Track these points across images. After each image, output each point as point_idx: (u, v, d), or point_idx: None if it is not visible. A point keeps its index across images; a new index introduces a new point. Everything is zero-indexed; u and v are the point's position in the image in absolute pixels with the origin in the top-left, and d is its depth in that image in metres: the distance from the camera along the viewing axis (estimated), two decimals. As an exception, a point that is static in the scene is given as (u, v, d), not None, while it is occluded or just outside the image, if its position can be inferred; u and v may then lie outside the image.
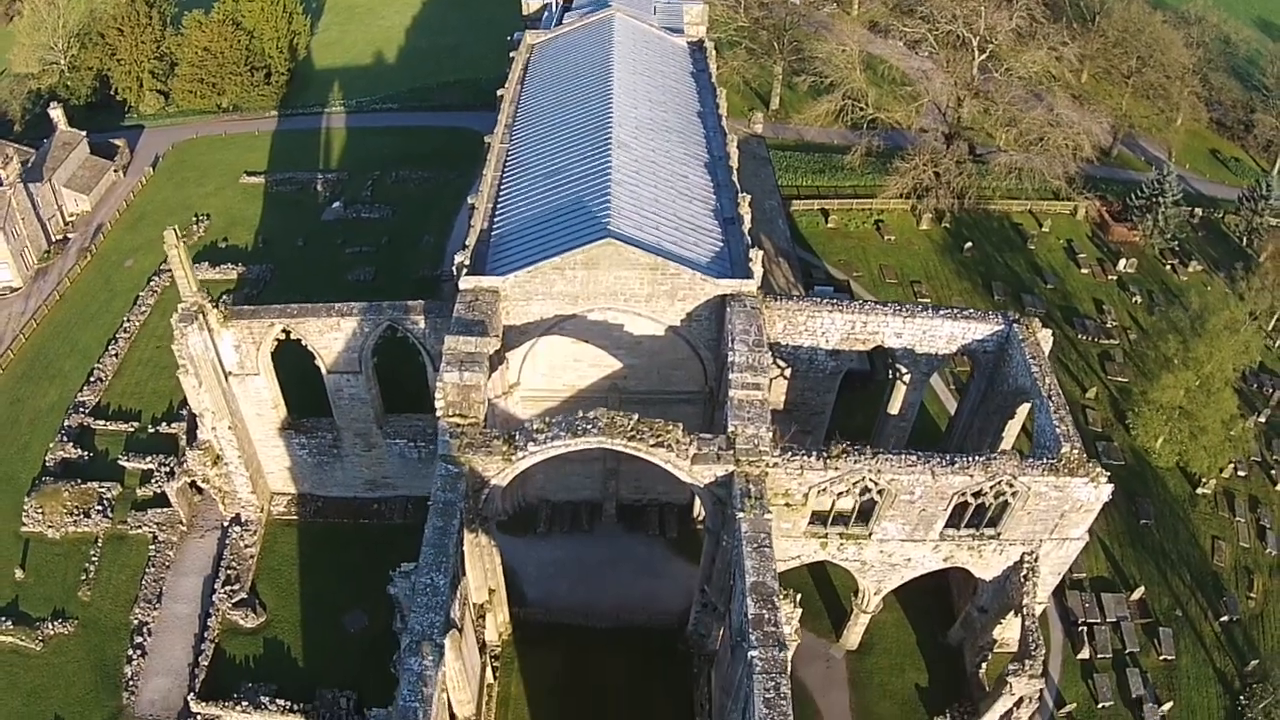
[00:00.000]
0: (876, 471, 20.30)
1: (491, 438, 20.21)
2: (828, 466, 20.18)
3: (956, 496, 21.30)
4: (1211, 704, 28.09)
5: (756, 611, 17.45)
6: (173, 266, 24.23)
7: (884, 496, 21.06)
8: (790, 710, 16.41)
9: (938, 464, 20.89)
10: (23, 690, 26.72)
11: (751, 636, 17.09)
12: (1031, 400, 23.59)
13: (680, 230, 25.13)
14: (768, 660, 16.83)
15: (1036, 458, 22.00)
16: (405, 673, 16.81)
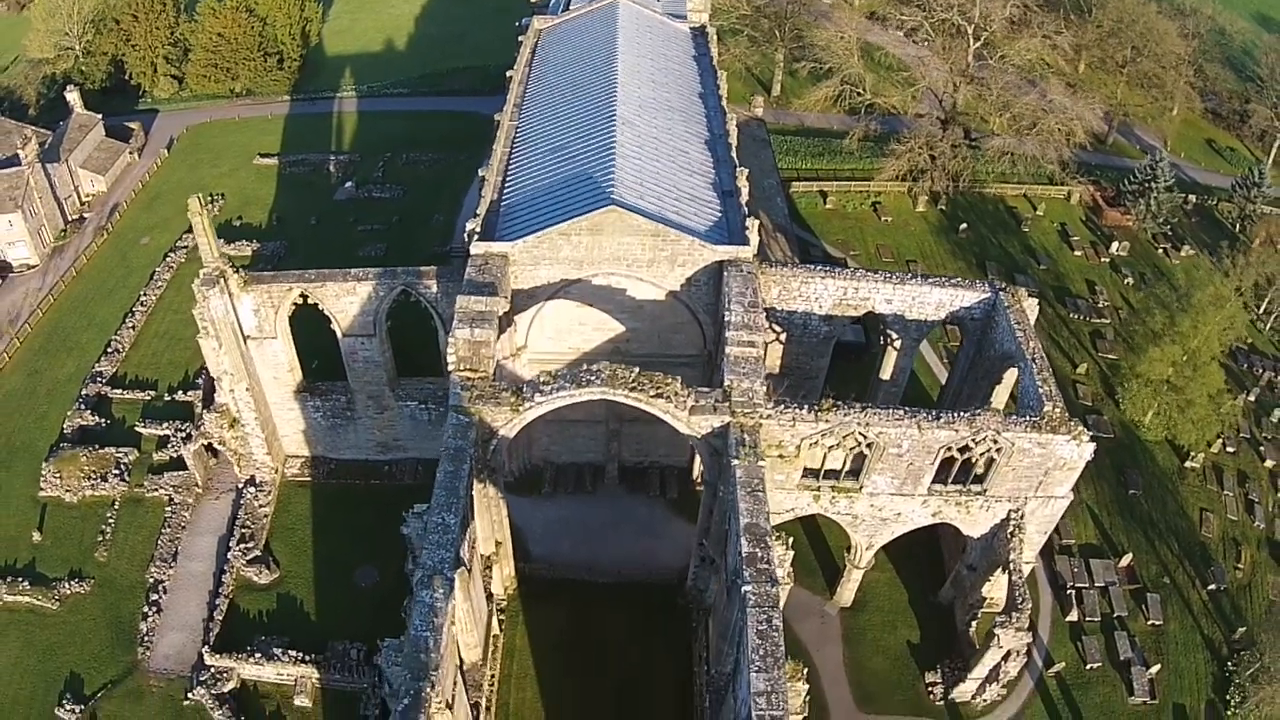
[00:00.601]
0: (865, 424, 21.56)
1: (500, 390, 21.50)
2: (819, 419, 21.43)
3: (943, 451, 22.54)
4: (1199, 669, 29.18)
5: (750, 550, 18.70)
6: (196, 233, 25.54)
7: (873, 450, 22.28)
8: (782, 643, 17.62)
9: (924, 418, 22.12)
10: (39, 648, 28.02)
11: (745, 573, 18.32)
12: (1017, 364, 24.87)
13: (681, 201, 26.43)
14: (760, 594, 18.05)
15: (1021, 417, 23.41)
16: (417, 605, 18.06)
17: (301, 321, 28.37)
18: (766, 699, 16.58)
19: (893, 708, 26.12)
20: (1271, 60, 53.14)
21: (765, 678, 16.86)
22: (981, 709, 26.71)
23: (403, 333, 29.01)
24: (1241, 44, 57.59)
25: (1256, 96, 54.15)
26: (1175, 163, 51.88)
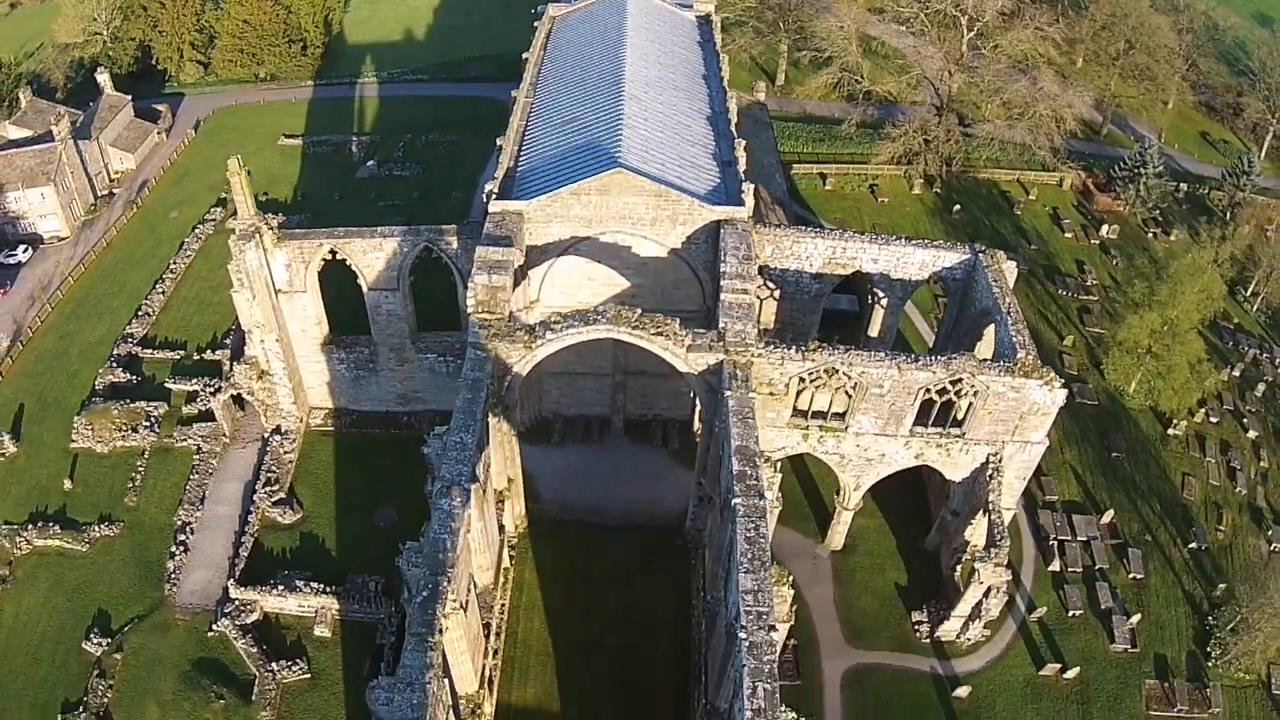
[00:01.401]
0: (848, 364, 23.93)
1: (515, 329, 24.03)
2: (805, 358, 23.81)
3: (922, 392, 24.87)
4: (1180, 622, 31.08)
5: (740, 468, 21.03)
6: (233, 190, 28.31)
7: (857, 390, 24.63)
8: (768, 550, 19.86)
9: (903, 360, 24.49)
10: (68, 587, 30.47)
11: (735, 488, 20.65)
12: (994, 318, 27.18)
13: (682, 168, 29.04)
14: (749, 506, 20.37)
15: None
16: (436, 512, 20.44)
17: (329, 278, 30.97)
18: (754, 596, 18.82)
19: (881, 644, 28.27)
20: (1263, 54, 55.71)
21: (753, 578, 19.11)
22: (966, 648, 28.81)
23: (424, 289, 31.73)
24: (1234, 38, 60.13)
25: (1249, 90, 56.68)
26: (1169, 154, 54.45)
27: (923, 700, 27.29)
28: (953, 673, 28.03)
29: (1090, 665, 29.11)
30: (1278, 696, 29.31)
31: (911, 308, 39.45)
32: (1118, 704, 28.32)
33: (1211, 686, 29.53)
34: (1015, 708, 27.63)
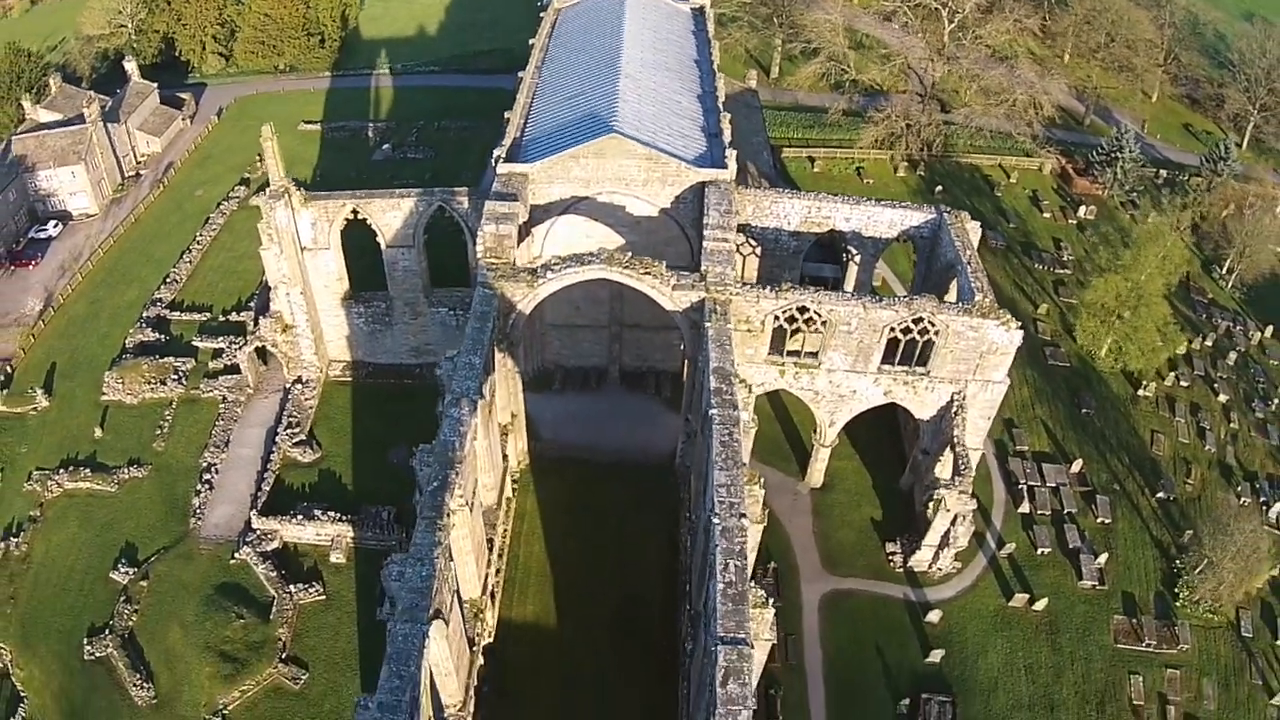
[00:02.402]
0: (818, 303, 27.60)
1: (519, 270, 27.92)
2: (779, 296, 27.57)
3: (887, 331, 28.44)
4: (1148, 565, 34.14)
5: (717, 385, 24.69)
6: (265, 155, 32.65)
7: (826, 328, 28.25)
8: (741, 454, 23.35)
9: (869, 300, 28.17)
10: (97, 524, 34.08)
11: (713, 401, 24.25)
12: (957, 269, 30.85)
13: (672, 137, 33.18)
14: (724, 416, 23.96)
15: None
16: (446, 419, 24.08)
17: (349, 240, 34.99)
18: (727, 489, 22.30)
19: (857, 571, 31.64)
20: (1242, 46, 60.07)
21: (726, 474, 22.62)
22: (938, 578, 32.05)
23: (436, 248, 35.72)
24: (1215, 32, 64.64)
25: (1230, 82, 60.99)
26: (1152, 144, 58.67)
27: (896, 623, 30.50)
28: (925, 600, 31.27)
29: (1059, 599, 32.18)
30: (1248, 639, 32.28)
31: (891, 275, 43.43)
32: (1086, 636, 31.34)
33: (1180, 624, 32.47)
34: (985, 634, 30.73)
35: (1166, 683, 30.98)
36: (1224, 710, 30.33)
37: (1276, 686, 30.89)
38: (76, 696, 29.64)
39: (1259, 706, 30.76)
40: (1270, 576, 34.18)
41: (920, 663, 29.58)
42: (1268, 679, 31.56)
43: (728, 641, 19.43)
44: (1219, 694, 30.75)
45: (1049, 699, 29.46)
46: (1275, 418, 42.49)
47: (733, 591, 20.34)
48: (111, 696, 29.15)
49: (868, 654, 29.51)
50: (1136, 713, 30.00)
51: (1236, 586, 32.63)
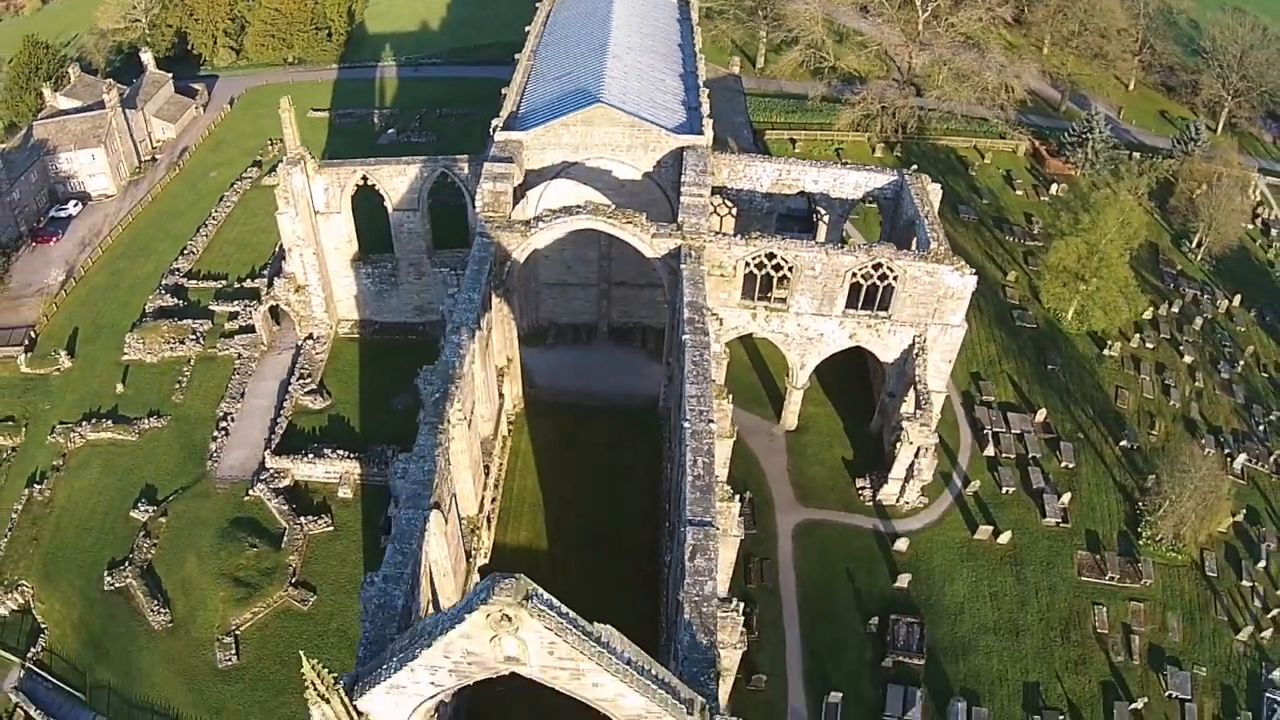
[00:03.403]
0: (784, 249, 31.66)
1: (514, 222, 32.09)
2: (748, 243, 31.68)
3: (849, 275, 32.39)
4: (1111, 506, 37.36)
5: (690, 315, 28.73)
6: (283, 125, 37.13)
7: (793, 273, 32.24)
8: (710, 371, 27.18)
9: (831, 247, 32.24)
10: (118, 470, 37.81)
11: (685, 328, 28.20)
12: (915, 223, 34.93)
13: (655, 109, 37.65)
14: (695, 340, 27.95)
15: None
16: (448, 344, 27.99)
17: (359, 203, 39.14)
18: (697, 399, 26.14)
19: (828, 504, 35.29)
20: (1215, 34, 64.87)
21: (696, 387, 26.49)
22: (906, 511, 35.64)
23: (440, 210, 40.02)
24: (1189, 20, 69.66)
25: (1204, 68, 65.57)
26: (1127, 129, 63.33)
27: (865, 551, 34.06)
28: (893, 531, 34.87)
29: (1023, 535, 35.65)
30: (1212, 577, 35.58)
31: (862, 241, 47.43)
32: (1050, 568, 34.72)
33: (1143, 561, 35.69)
34: (951, 564, 34.18)
35: (1130, 614, 34.23)
36: (1189, 643, 33.54)
37: (1242, 623, 34.12)
38: (96, 625, 33.22)
39: (1225, 641, 33.92)
40: (1234, 521, 37.65)
41: (889, 587, 33.06)
42: (1233, 615, 34.81)
43: (695, 523, 23.16)
44: (1184, 627, 34.00)
45: (1014, 624, 32.81)
46: (1241, 379, 46.33)
47: (700, 483, 24.11)
48: (130, 623, 32.77)
49: (838, 578, 33.03)
50: (1101, 641, 33.31)
51: (1198, 527, 35.91)
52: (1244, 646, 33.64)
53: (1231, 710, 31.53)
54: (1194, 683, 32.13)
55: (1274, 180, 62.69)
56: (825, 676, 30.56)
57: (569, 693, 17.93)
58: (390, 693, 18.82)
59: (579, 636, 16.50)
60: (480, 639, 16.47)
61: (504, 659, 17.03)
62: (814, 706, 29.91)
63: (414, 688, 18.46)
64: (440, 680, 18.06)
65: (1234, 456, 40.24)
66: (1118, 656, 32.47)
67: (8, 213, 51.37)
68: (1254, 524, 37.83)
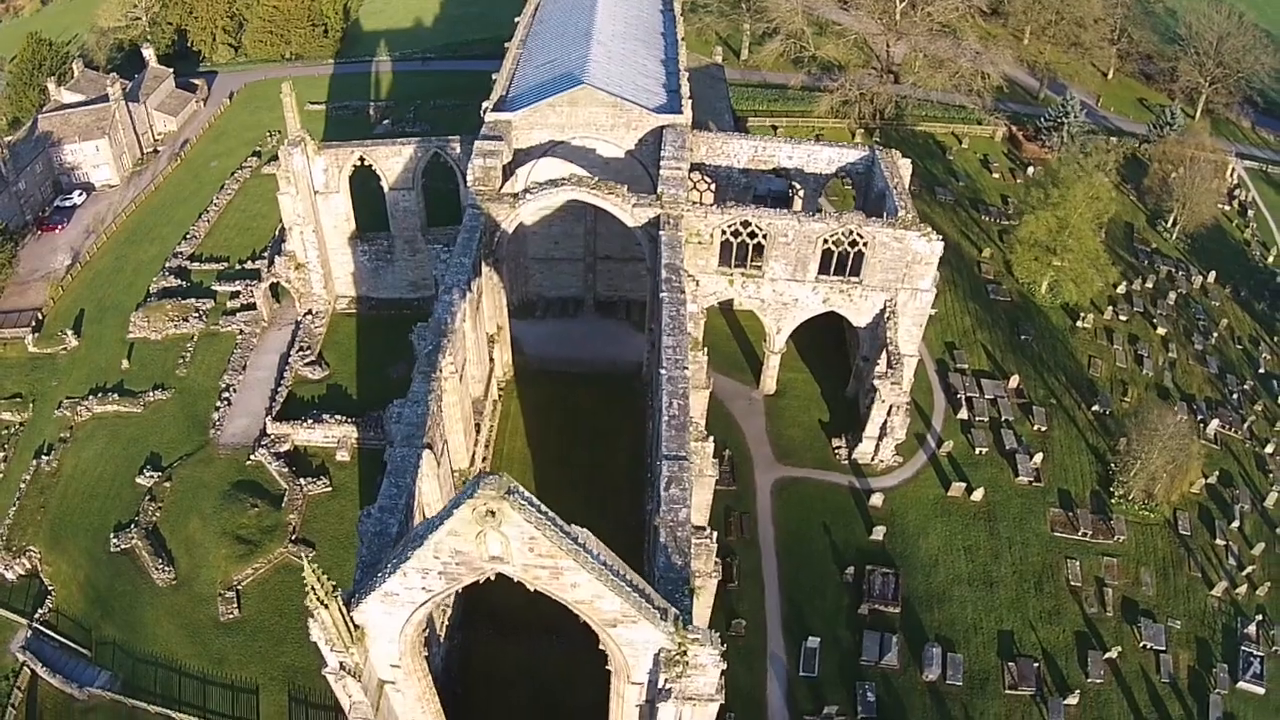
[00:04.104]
0: (758, 217, 34.29)
1: (502, 195, 34.77)
2: (724, 212, 34.36)
3: (821, 242, 35.00)
4: (1084, 467, 39.54)
5: (667, 275, 31.35)
6: (285, 109, 40.00)
7: (768, 240, 34.84)
8: (687, 325, 29.67)
9: (803, 215, 34.86)
10: (124, 440, 40.23)
11: (663, 286, 30.76)
12: (885, 194, 37.59)
13: (637, 91, 40.50)
14: (672, 297, 30.56)
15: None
16: (439, 303, 30.53)
17: (356, 183, 41.79)
18: (673, 349, 28.63)
19: (805, 462, 37.62)
20: (1191, 21, 68.10)
21: (672, 339, 29.02)
22: (881, 469, 37.94)
23: (434, 189, 42.61)
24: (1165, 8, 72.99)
25: (1182, 56, 68.78)
26: (1106, 115, 66.37)
27: (842, 506, 36.39)
28: (869, 488, 37.25)
29: (996, 493, 37.92)
30: (1185, 536, 37.75)
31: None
32: (1023, 524, 36.94)
33: (1115, 519, 37.81)
34: (926, 519, 36.48)
35: (1103, 569, 36.35)
36: (1163, 598, 35.64)
37: (1217, 579, 36.14)
38: (102, 584, 35.54)
39: (1199, 596, 36.02)
40: (1207, 483, 39.81)
41: (865, 540, 35.33)
42: (1207, 572, 36.87)
43: (669, 457, 25.59)
44: (1157, 582, 36.13)
45: (987, 576, 35.01)
46: (1215, 350, 48.83)
47: (675, 422, 26.56)
48: (135, 581, 35.10)
49: (815, 531, 35.34)
50: (1074, 593, 35.43)
51: (1170, 486, 38.02)
52: (1219, 602, 35.72)
53: (1208, 663, 33.59)
54: (1168, 635, 34.23)
55: (1250, 164, 66.02)
56: (803, 623, 32.83)
57: (550, 593, 20.21)
58: (384, 601, 21.12)
59: (557, 533, 18.84)
60: (467, 535, 18.78)
61: (489, 558, 19.34)
62: (792, 651, 32.17)
63: (406, 594, 20.75)
64: (431, 584, 20.35)
65: (1207, 422, 42.61)
66: (1091, 608, 34.61)
67: (14, 202, 54.36)
68: (1228, 486, 40.12)
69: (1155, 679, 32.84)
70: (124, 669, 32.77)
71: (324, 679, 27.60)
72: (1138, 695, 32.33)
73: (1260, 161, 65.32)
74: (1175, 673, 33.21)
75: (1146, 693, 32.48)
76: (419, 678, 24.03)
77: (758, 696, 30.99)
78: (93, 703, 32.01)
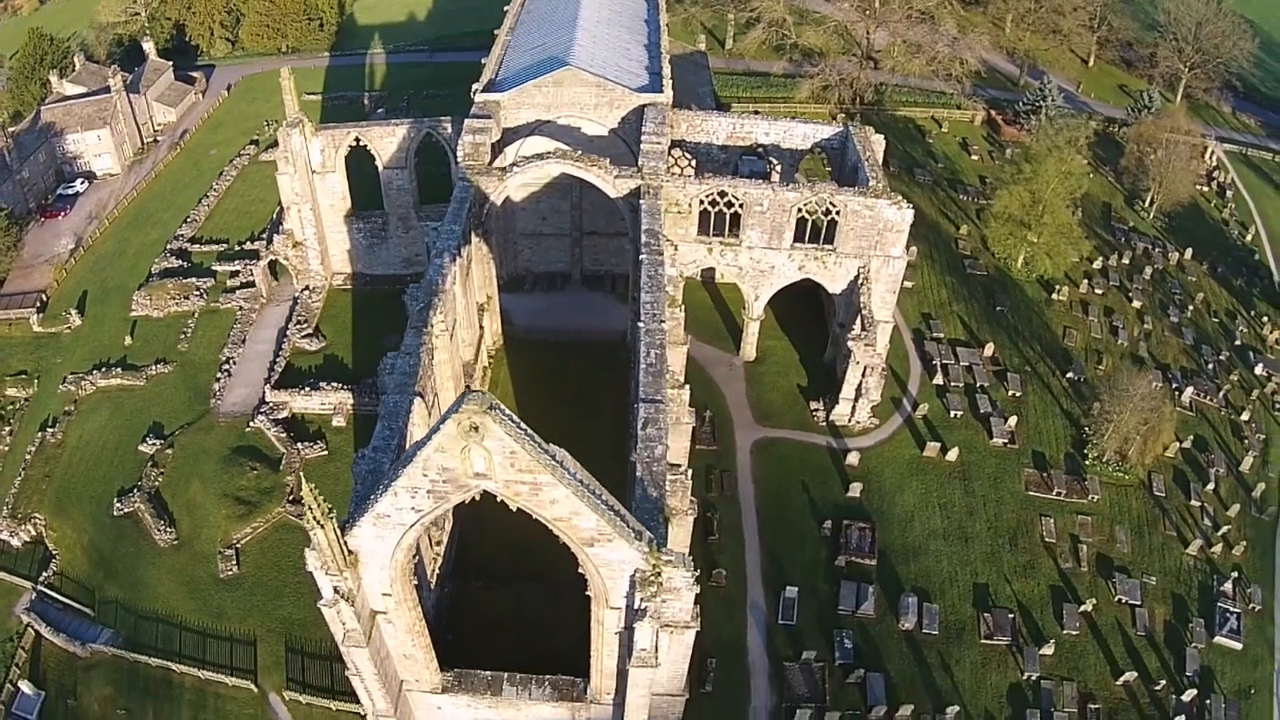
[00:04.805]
0: (734, 186, 36.70)
1: (491, 168, 37.22)
2: (701, 182, 36.75)
3: (795, 211, 37.33)
4: (1058, 430, 41.57)
5: (646, 239, 33.73)
6: (283, 91, 42.51)
7: (744, 209, 37.22)
8: (664, 283, 31.94)
9: (777, 184, 37.26)
10: (127, 411, 42.46)
11: (642, 249, 33.10)
12: (859, 168, 40.00)
13: (620, 73, 43.11)
14: (651, 260, 32.91)
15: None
16: (432, 265, 32.87)
17: (351, 163, 44.17)
18: (651, 305, 30.94)
19: (784, 424, 39.82)
20: (1170, 7, 70.86)
21: (650, 295, 31.34)
22: (858, 430, 40.04)
23: (426, 169, 45.09)
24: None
25: (1161, 42, 71.53)
26: (1086, 101, 69.00)
27: (819, 465, 38.51)
28: (846, 448, 39.39)
29: (971, 453, 39.98)
30: (1160, 497, 39.66)
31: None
32: (998, 483, 38.92)
33: (1089, 479, 39.74)
34: (901, 477, 38.55)
35: (1078, 526, 38.28)
36: (1138, 555, 37.58)
37: (1192, 538, 38.01)
38: (105, 547, 37.67)
39: (1174, 554, 37.97)
40: (1181, 448, 41.77)
41: (841, 497, 37.45)
42: (1182, 532, 38.84)
43: (646, 400, 27.82)
44: (1132, 539, 38.08)
45: (963, 532, 37.05)
46: (1190, 322, 51.00)
47: (652, 369, 28.83)
48: (138, 543, 37.23)
49: (794, 488, 37.47)
50: (1049, 549, 37.42)
51: (1143, 449, 39.96)
52: (1194, 560, 37.65)
53: (1184, 618, 35.53)
54: (1143, 590, 36.18)
55: (1231, 147, 68.61)
56: (782, 574, 34.91)
57: (531, 511, 22.32)
58: (376, 523, 23.23)
59: (536, 448, 20.99)
60: (453, 451, 20.91)
61: (473, 474, 21.47)
62: (772, 601, 34.24)
63: (397, 515, 22.88)
64: (420, 504, 22.47)
65: (1181, 390, 44.68)
66: (1065, 563, 36.57)
67: (18, 190, 56.98)
68: (1203, 451, 42.17)
69: (1131, 631, 34.88)
70: (126, 626, 34.79)
71: (320, 630, 29.75)
72: (1114, 647, 34.31)
73: (1240, 145, 67.94)
74: (1151, 626, 35.18)
75: (1123, 645, 34.48)
76: (409, 608, 26.07)
77: (738, 643, 33.06)
78: (95, 659, 33.96)
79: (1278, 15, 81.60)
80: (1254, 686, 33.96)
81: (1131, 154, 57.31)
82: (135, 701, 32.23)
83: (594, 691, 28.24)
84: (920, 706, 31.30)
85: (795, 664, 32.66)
